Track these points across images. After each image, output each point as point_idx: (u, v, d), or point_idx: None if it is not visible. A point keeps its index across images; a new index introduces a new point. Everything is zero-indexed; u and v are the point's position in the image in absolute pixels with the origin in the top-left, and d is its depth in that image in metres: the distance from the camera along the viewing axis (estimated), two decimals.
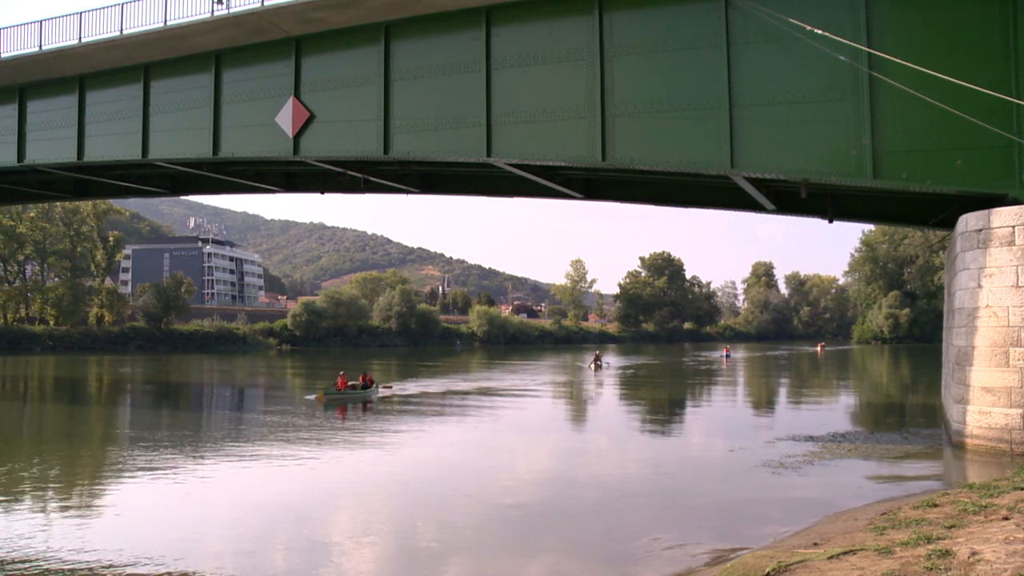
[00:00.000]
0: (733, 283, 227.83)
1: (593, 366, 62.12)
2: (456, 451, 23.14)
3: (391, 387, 40.13)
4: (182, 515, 15.15)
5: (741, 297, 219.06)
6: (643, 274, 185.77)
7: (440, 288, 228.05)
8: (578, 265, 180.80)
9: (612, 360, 79.48)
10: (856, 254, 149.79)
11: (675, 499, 16.47)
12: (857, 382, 55.56)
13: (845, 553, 9.61)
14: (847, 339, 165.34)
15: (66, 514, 15.43)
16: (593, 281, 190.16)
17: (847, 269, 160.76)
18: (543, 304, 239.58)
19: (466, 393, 41.64)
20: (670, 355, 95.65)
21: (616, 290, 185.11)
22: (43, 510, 15.92)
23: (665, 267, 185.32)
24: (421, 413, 32.56)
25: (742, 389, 49.19)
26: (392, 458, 21.82)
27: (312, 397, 35.75)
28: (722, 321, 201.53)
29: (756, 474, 18.85)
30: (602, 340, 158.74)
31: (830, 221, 31.12)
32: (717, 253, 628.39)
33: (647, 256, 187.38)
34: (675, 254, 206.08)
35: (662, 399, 41.92)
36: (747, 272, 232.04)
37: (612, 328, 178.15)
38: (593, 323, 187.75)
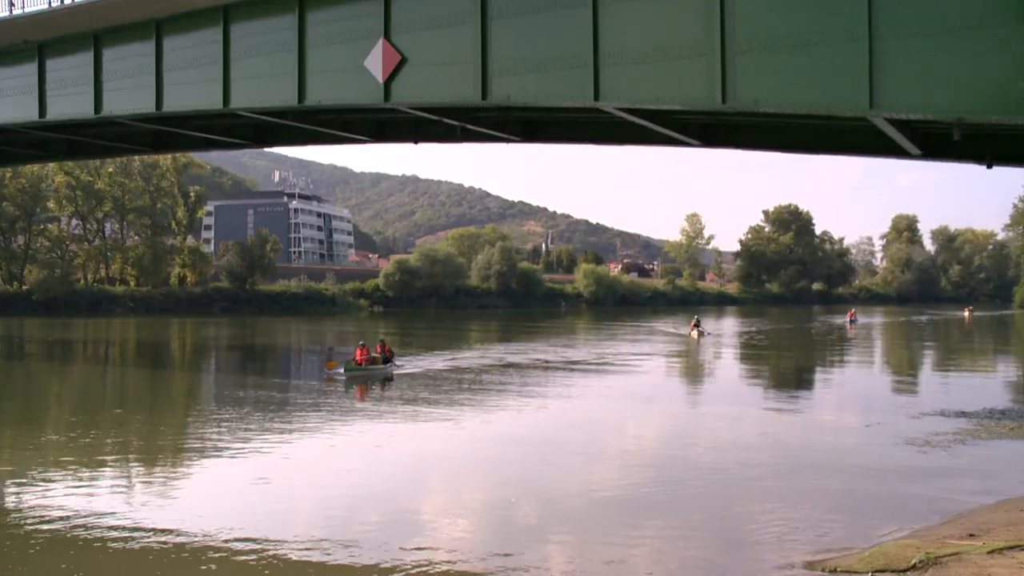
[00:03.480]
0: (869, 239, 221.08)
1: (696, 333, 60.26)
2: (555, 425, 23.22)
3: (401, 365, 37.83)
4: (266, 489, 15.58)
5: (879, 255, 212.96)
6: (767, 229, 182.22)
7: (543, 245, 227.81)
8: (694, 219, 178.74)
9: (724, 325, 78.45)
10: (1020, 204, 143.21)
11: (801, 480, 16.22)
12: (1020, 352, 53.54)
13: (1011, 548, 9.13)
14: (1006, 302, 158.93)
15: (148, 487, 16.11)
16: (711, 237, 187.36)
17: (1008, 223, 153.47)
18: (655, 262, 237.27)
19: (571, 360, 41.71)
20: (795, 319, 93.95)
21: (736, 247, 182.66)
22: (126, 481, 16.67)
23: (792, 221, 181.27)
24: (521, 382, 32.81)
25: (879, 358, 48.02)
26: (487, 432, 22.08)
27: (337, 371, 34.02)
28: (856, 282, 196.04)
29: (897, 453, 18.36)
30: (721, 302, 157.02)
31: (988, 167, 29.81)
32: (851, 205, 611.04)
33: (771, 209, 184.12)
34: (803, 206, 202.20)
35: (787, 368, 41.27)
36: (886, 226, 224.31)
37: (732, 289, 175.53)
38: (711, 283, 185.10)
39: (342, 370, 32.96)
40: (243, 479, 16.37)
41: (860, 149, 31.68)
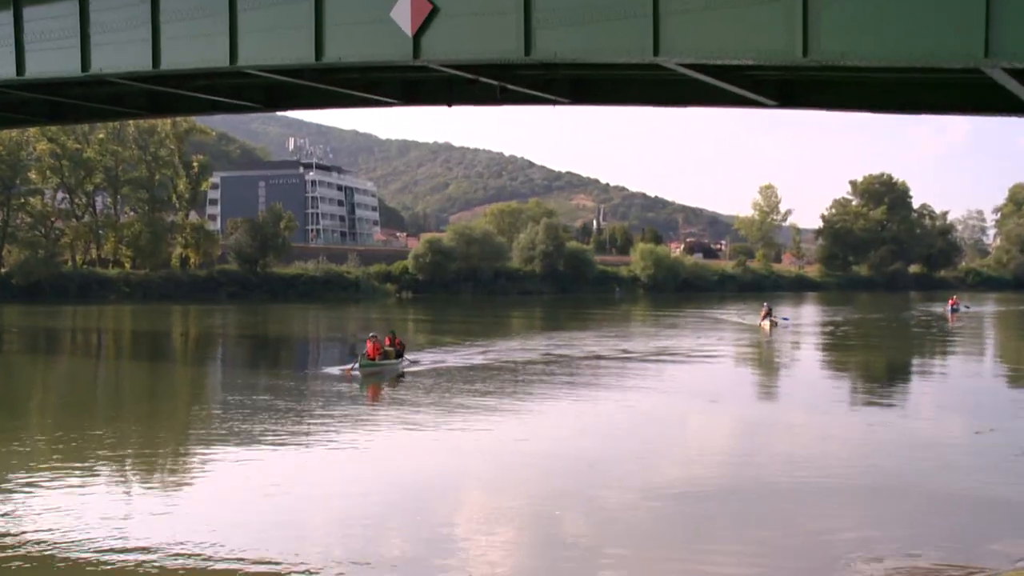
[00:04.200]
0: (979, 213, 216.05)
1: (768, 323, 58.90)
2: (606, 427, 23.19)
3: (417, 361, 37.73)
4: (277, 501, 15.61)
5: (991, 231, 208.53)
6: (854, 203, 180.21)
7: (595, 222, 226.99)
8: (769, 192, 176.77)
9: (802, 314, 77.51)
10: None
11: (896, 493, 16.05)
12: None
13: None
14: None
15: (144, 498, 16.23)
16: (788, 212, 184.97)
17: None
18: (723, 241, 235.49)
19: (625, 354, 41.62)
20: (887, 308, 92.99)
21: (818, 224, 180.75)
22: (120, 492, 16.79)
23: (884, 193, 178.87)
24: (568, 379, 32.89)
25: (990, 353, 47.43)
26: (529, 435, 22.04)
27: (348, 368, 33.97)
28: (963, 263, 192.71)
29: (1016, 465, 18.11)
30: (799, 287, 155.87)
31: None
32: (956, 174, 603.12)
33: (860, 179, 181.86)
34: (898, 175, 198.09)
35: (876, 365, 40.87)
36: (1000, 197, 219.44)
37: (812, 272, 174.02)
38: (788, 265, 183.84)
39: (357, 367, 33.15)
40: (251, 491, 16.40)
41: (969, 107, 31.13)
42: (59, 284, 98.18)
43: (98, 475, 17.56)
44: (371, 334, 35.77)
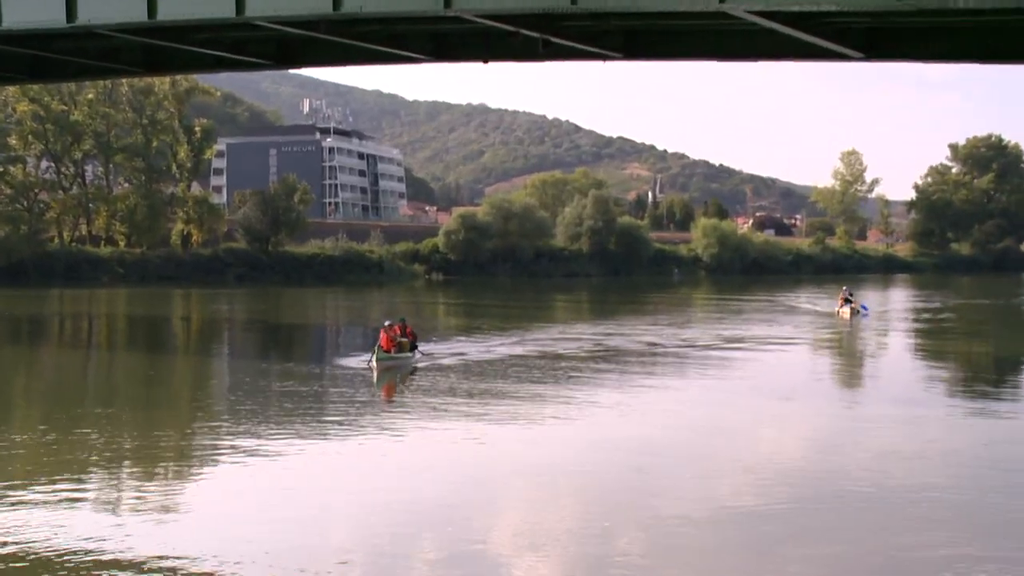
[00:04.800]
0: None
1: (847, 310, 57.36)
2: (662, 429, 23.00)
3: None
4: (290, 510, 15.53)
5: None
6: (954, 170, 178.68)
7: (650, 194, 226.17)
8: (852, 159, 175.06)
9: (891, 299, 76.55)
10: None
11: (1011, 508, 15.89)
12: None
13: None
14: None
15: (142, 505, 16.19)
16: (874, 182, 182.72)
17: None
18: (798, 216, 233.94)
19: (685, 345, 41.31)
20: (994, 292, 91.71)
21: (911, 195, 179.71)
22: (114, 498, 16.84)
23: (991, 158, 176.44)
24: (619, 373, 32.76)
25: None
26: (573, 436, 21.92)
27: (367, 361, 34.13)
28: None
29: None
30: (888, 268, 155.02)
31: None
32: None
33: (962, 143, 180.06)
34: (1009, 137, 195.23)
35: (981, 359, 40.45)
36: None
37: (903, 250, 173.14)
38: (874, 243, 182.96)
39: (373, 361, 33.09)
40: (261, 499, 16.38)
41: None
42: (44, 264, 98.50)
43: (86, 479, 17.54)
44: (386, 322, 35.66)
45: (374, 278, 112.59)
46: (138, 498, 16.73)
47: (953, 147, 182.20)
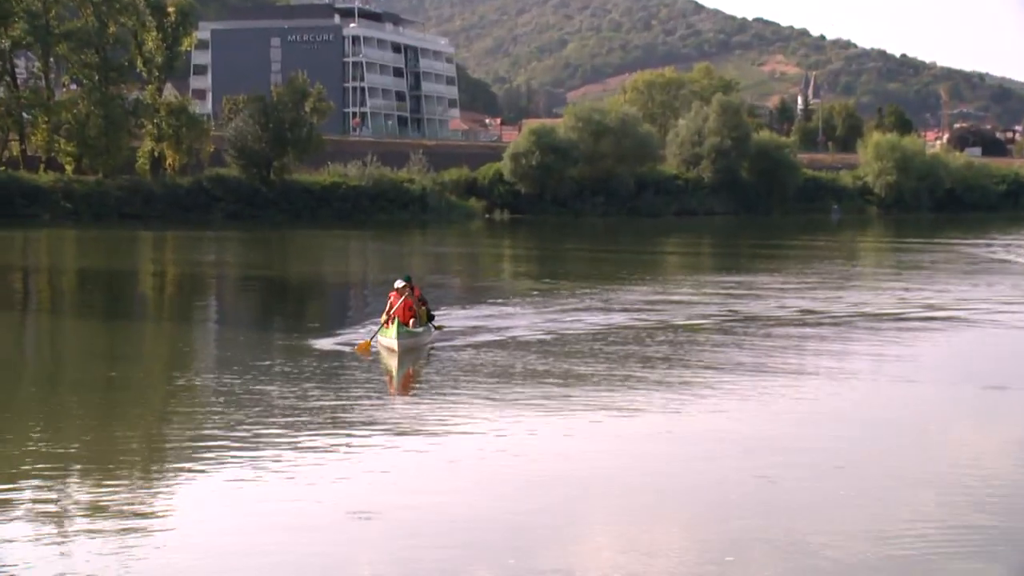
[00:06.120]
0: None
1: None
2: (810, 423, 21.69)
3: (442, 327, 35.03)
4: (302, 519, 14.99)
5: None
6: None
7: (799, 100, 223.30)
8: None
9: None
10: None
11: None
12: None
13: None
14: None
15: (102, 520, 14.63)
16: None
17: None
18: (1018, 128, 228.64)
19: (847, 311, 40.00)
20: None
21: None
22: (63, 517, 15.01)
23: None
24: (752, 348, 30.57)
25: None
26: (683, 431, 20.75)
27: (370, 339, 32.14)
28: None
29: None
30: None
31: None
32: None
33: None
34: None
35: None
36: None
37: None
38: None
39: (394, 341, 30.21)
40: (261, 510, 15.48)
41: None
42: None
43: (27, 487, 16.23)
44: (398, 282, 32.27)
45: (415, 217, 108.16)
46: (92, 516, 15.22)
47: None
